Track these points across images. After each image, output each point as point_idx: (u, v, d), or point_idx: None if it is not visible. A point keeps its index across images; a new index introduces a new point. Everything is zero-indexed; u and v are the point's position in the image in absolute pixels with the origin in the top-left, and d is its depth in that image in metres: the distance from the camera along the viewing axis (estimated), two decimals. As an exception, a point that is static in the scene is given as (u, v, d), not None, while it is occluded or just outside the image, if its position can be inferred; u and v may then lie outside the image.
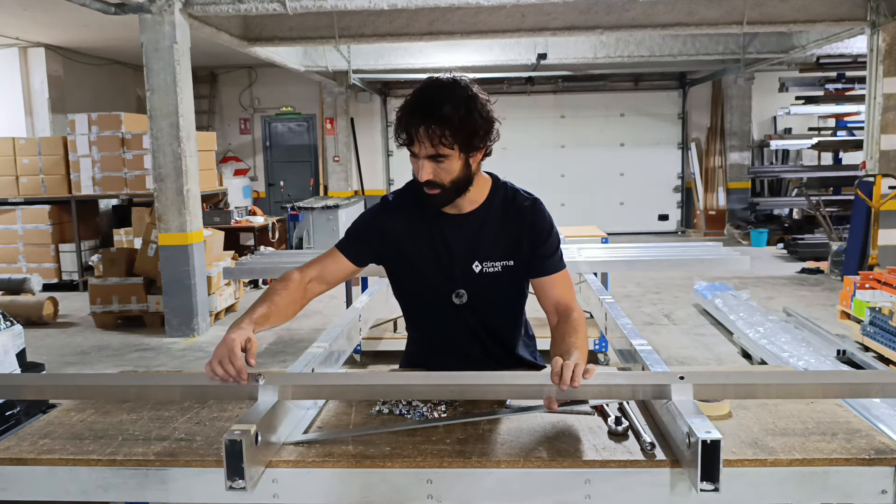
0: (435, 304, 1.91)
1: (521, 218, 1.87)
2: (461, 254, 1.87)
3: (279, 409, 1.49)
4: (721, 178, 12.79)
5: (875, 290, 5.37)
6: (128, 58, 10.85)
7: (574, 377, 1.44)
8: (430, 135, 1.67)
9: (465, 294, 1.88)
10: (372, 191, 13.37)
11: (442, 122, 1.67)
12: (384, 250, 1.90)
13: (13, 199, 8.56)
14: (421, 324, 2.03)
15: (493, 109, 1.76)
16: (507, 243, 1.87)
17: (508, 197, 1.90)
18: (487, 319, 1.93)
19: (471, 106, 1.70)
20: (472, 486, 1.41)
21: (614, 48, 9.96)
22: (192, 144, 6.34)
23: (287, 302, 1.76)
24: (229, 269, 4.79)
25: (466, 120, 1.69)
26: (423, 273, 1.90)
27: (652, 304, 7.12)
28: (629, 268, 4.48)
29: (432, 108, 1.67)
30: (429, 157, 1.71)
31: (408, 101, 1.73)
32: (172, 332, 6.35)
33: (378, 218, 1.92)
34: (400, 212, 1.90)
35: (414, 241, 1.88)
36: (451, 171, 1.74)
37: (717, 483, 1.28)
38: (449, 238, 1.87)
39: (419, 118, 1.68)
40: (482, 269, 1.87)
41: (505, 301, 1.94)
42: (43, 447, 1.52)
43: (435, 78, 1.75)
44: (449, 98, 1.68)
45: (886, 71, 7.26)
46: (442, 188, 1.76)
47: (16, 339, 3.80)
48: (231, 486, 1.32)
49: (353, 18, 7.83)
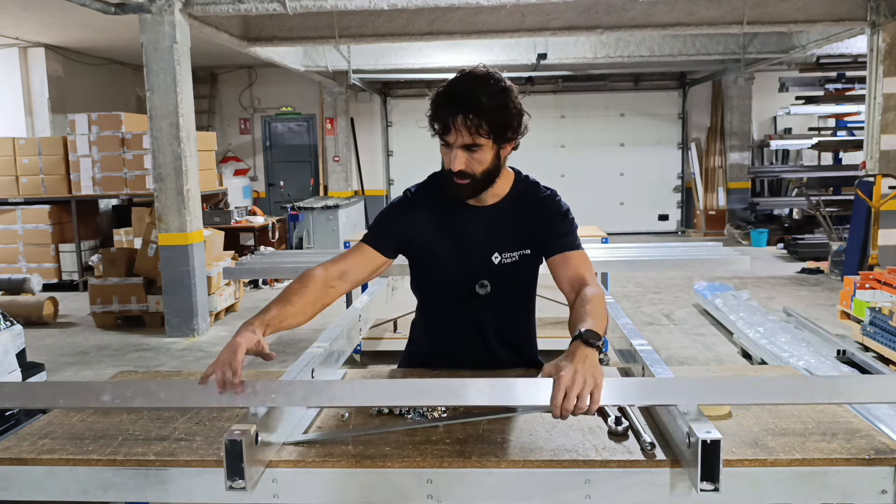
0: (455, 295, 1.93)
1: (537, 206, 1.90)
2: (482, 245, 1.89)
3: (279, 409, 1.49)
4: (721, 178, 12.79)
5: (875, 290, 5.37)
6: (128, 58, 10.85)
7: (576, 411, 1.36)
8: (468, 124, 1.68)
9: (488, 285, 1.90)
10: (372, 191, 13.37)
11: (479, 112, 1.68)
12: (410, 243, 1.92)
13: (13, 199, 8.56)
14: (436, 315, 2.03)
15: (522, 103, 1.78)
16: (524, 232, 1.89)
17: (528, 189, 1.93)
18: (505, 311, 1.95)
19: (506, 98, 1.72)
20: (472, 486, 1.41)
21: (614, 48, 9.96)
22: (192, 144, 6.33)
23: (305, 302, 1.69)
24: (229, 269, 4.79)
25: (502, 111, 1.71)
26: (445, 264, 1.92)
27: (652, 304, 7.12)
28: (629, 268, 4.48)
29: (470, 98, 1.68)
30: (463, 146, 1.72)
31: (443, 91, 1.73)
32: (172, 332, 6.35)
33: (403, 210, 1.93)
34: (423, 204, 1.91)
35: (437, 232, 1.90)
36: (484, 161, 1.75)
37: (717, 483, 1.28)
38: (470, 229, 1.89)
39: (457, 107, 1.69)
40: (501, 261, 1.89)
41: (521, 291, 1.97)
42: (43, 447, 1.52)
43: (470, 70, 1.76)
44: (486, 89, 1.70)
45: (886, 71, 7.26)
46: (472, 178, 1.77)
47: (16, 339, 3.80)
48: (231, 486, 1.32)
49: (353, 18, 7.82)
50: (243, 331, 1.52)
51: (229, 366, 1.44)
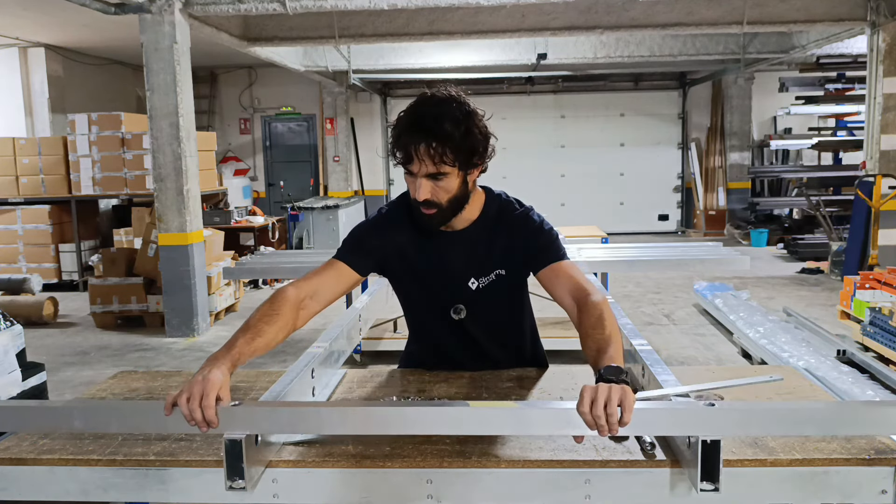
0: (435, 316, 1.90)
1: (511, 228, 1.83)
2: (457, 271, 1.84)
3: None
4: (721, 178, 12.79)
5: (875, 290, 5.37)
6: (128, 58, 10.85)
7: (610, 424, 1.25)
8: (431, 153, 1.62)
9: (463, 309, 1.86)
10: (372, 191, 13.37)
11: (443, 140, 1.61)
12: (385, 261, 1.87)
13: (13, 199, 8.56)
14: (422, 332, 2.02)
15: (488, 125, 1.72)
16: (499, 253, 1.84)
17: (501, 210, 1.86)
18: (488, 328, 1.92)
19: (470, 123, 1.65)
20: (472, 486, 1.41)
21: (614, 48, 9.95)
22: (192, 144, 6.33)
23: (277, 329, 1.59)
24: (229, 269, 4.79)
25: (467, 137, 1.64)
26: (422, 287, 1.88)
27: (652, 304, 7.11)
28: (629, 268, 4.48)
29: (432, 125, 1.61)
30: (427, 175, 1.66)
31: (404, 118, 1.66)
32: (172, 332, 6.35)
33: (377, 229, 1.87)
34: (397, 225, 1.85)
35: (411, 255, 1.85)
36: (450, 189, 1.69)
37: (717, 483, 1.28)
38: (444, 255, 1.84)
39: (419, 135, 1.62)
40: (478, 286, 1.85)
41: (503, 310, 1.92)
42: (43, 447, 1.52)
43: (430, 94, 1.69)
44: (448, 115, 1.63)
45: (886, 71, 7.26)
46: (439, 208, 1.71)
47: (16, 339, 3.80)
48: (231, 486, 1.32)
49: (353, 18, 7.82)
50: (212, 365, 1.41)
51: (200, 407, 1.33)
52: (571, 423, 1.30)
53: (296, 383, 1.65)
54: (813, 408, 1.44)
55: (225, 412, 1.35)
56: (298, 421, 1.43)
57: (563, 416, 1.32)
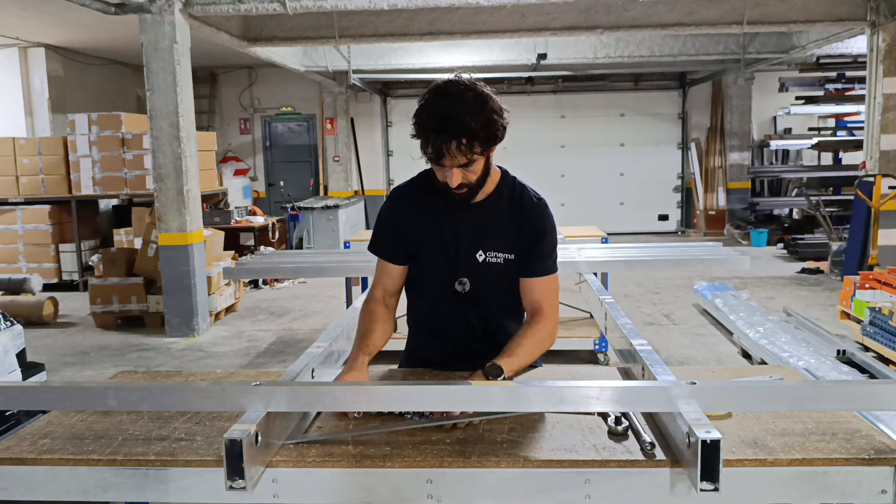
0: (438, 290, 1.96)
1: (526, 216, 1.92)
2: (466, 242, 1.92)
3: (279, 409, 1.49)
4: (721, 178, 12.78)
5: (875, 290, 5.37)
6: (128, 58, 10.85)
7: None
8: (462, 149, 1.72)
9: (467, 282, 1.94)
10: (372, 191, 13.36)
11: (471, 136, 1.71)
12: (408, 242, 1.97)
13: (13, 199, 8.56)
14: (422, 312, 2.05)
15: (499, 100, 1.79)
16: (511, 237, 1.92)
17: (517, 193, 1.95)
18: (487, 310, 1.97)
19: (488, 109, 1.73)
20: (472, 486, 1.41)
21: (614, 48, 9.96)
22: (192, 144, 6.33)
23: (383, 329, 1.93)
24: (229, 269, 4.77)
25: (489, 126, 1.73)
26: (429, 259, 1.95)
27: (652, 304, 7.12)
28: (629, 268, 4.47)
29: (458, 124, 1.69)
30: (459, 165, 1.76)
31: (427, 118, 1.72)
32: (172, 332, 6.35)
33: (393, 216, 1.99)
34: (412, 202, 1.96)
35: (423, 228, 1.94)
36: (477, 171, 1.81)
37: (717, 483, 1.28)
38: (456, 226, 1.92)
39: (447, 135, 1.70)
40: (485, 259, 1.92)
41: (505, 292, 1.97)
42: (43, 447, 1.52)
43: (445, 88, 1.75)
44: (468, 109, 1.70)
45: (886, 71, 7.26)
46: (469, 186, 1.83)
47: (16, 339, 3.80)
48: (231, 485, 1.32)
49: (353, 18, 7.83)
50: (353, 371, 1.79)
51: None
52: (565, 400, 1.41)
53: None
54: (786, 385, 1.53)
55: (245, 390, 1.40)
56: (315, 398, 1.48)
57: (557, 393, 1.41)
